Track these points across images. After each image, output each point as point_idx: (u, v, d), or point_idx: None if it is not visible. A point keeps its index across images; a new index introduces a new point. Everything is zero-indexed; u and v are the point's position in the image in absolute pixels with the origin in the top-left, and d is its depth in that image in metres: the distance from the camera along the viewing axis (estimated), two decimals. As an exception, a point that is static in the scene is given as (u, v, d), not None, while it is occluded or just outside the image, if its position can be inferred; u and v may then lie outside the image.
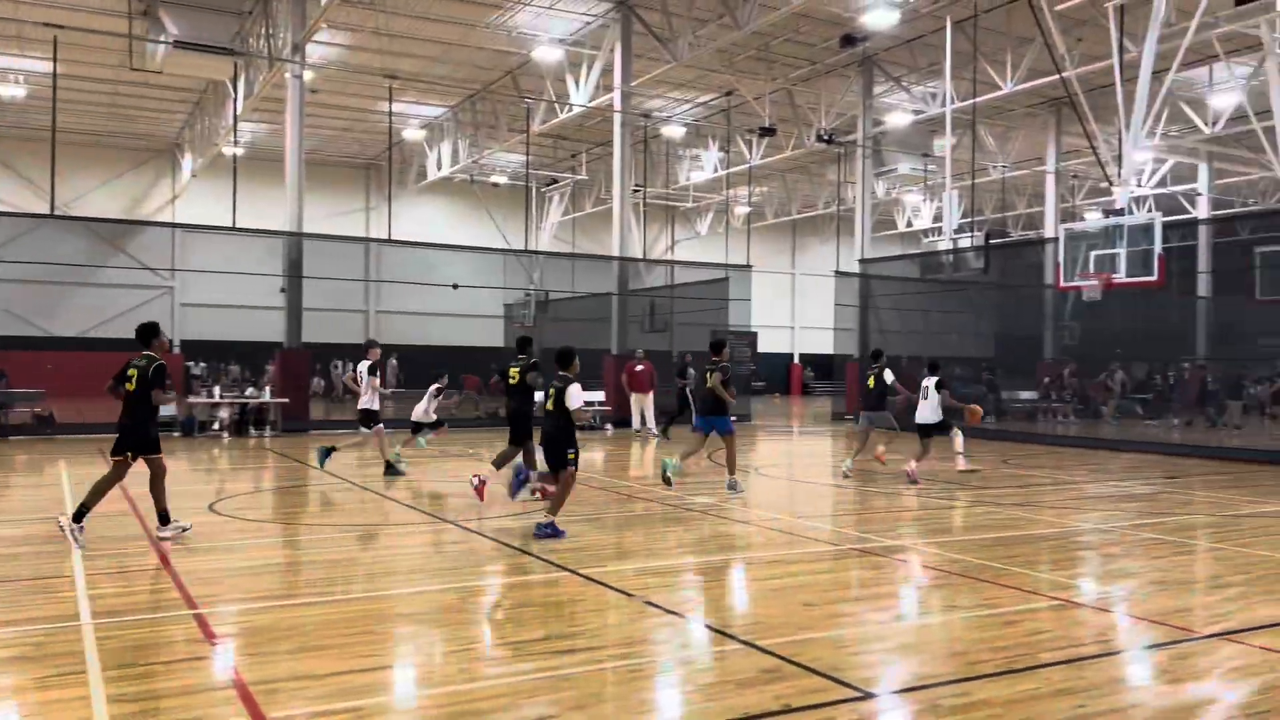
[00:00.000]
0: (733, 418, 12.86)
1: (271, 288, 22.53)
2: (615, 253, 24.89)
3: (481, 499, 10.46)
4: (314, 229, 24.92)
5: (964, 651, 5.52)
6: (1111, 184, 17.60)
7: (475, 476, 10.71)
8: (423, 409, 14.83)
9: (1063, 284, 18.02)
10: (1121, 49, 16.96)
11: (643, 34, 23.32)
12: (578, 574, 7.29)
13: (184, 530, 8.47)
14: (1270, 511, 11.08)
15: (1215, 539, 9.40)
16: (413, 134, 33.46)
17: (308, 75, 23.09)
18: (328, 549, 8.45)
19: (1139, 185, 28.81)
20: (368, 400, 13.41)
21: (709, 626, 6.04)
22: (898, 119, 27.34)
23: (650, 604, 6.45)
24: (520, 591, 7.06)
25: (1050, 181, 31.16)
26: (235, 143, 25.87)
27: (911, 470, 13.04)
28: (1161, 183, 32.17)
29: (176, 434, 19.24)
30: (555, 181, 37.53)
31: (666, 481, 11.82)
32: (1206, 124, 26.22)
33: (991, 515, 10.61)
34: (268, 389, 20.98)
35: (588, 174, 36.67)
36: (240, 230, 22.65)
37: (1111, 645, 5.78)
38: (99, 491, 8.20)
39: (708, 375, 11.83)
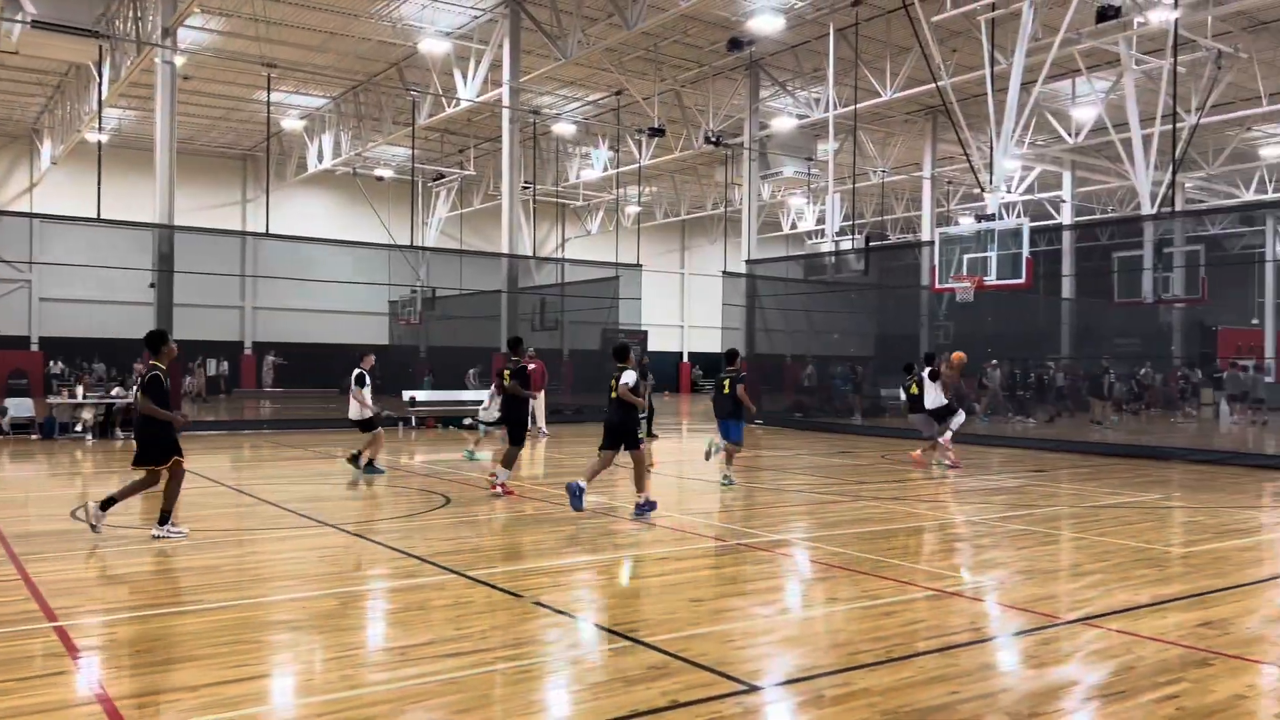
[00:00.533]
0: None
1: (140, 282, 21.51)
2: (504, 250, 24.66)
3: (510, 494, 11.20)
4: (186, 221, 23.88)
5: (845, 642, 5.67)
6: (983, 190, 18.37)
7: (491, 476, 11.41)
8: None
9: (938, 285, 18.74)
10: (993, 61, 17.74)
11: (532, 30, 23.17)
12: (465, 576, 7.19)
13: (181, 535, 8.49)
14: (1127, 502, 11.76)
15: (1077, 529, 9.91)
16: (292, 124, 32.42)
17: (179, 61, 22.11)
18: (199, 555, 8.09)
19: (1009, 192, 30.15)
20: (356, 411, 13.40)
21: (598, 625, 6.04)
22: (783, 123, 27.91)
23: (539, 604, 6.41)
24: (406, 595, 6.91)
25: (927, 187, 32.34)
26: (100, 129, 24.55)
27: (952, 459, 14.55)
28: (1029, 190, 33.78)
29: (35, 436, 18.17)
30: (442, 176, 36.94)
31: (707, 456, 13.02)
32: (1070, 135, 27.67)
33: (870, 509, 10.94)
34: (135, 388, 19.99)
35: (476, 169, 36.23)
36: (105, 222, 21.54)
37: (983, 633, 6.03)
38: (170, 495, 8.53)
39: (725, 383, 12.48)
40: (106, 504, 8.41)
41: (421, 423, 22.16)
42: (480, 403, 22.80)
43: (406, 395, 22.60)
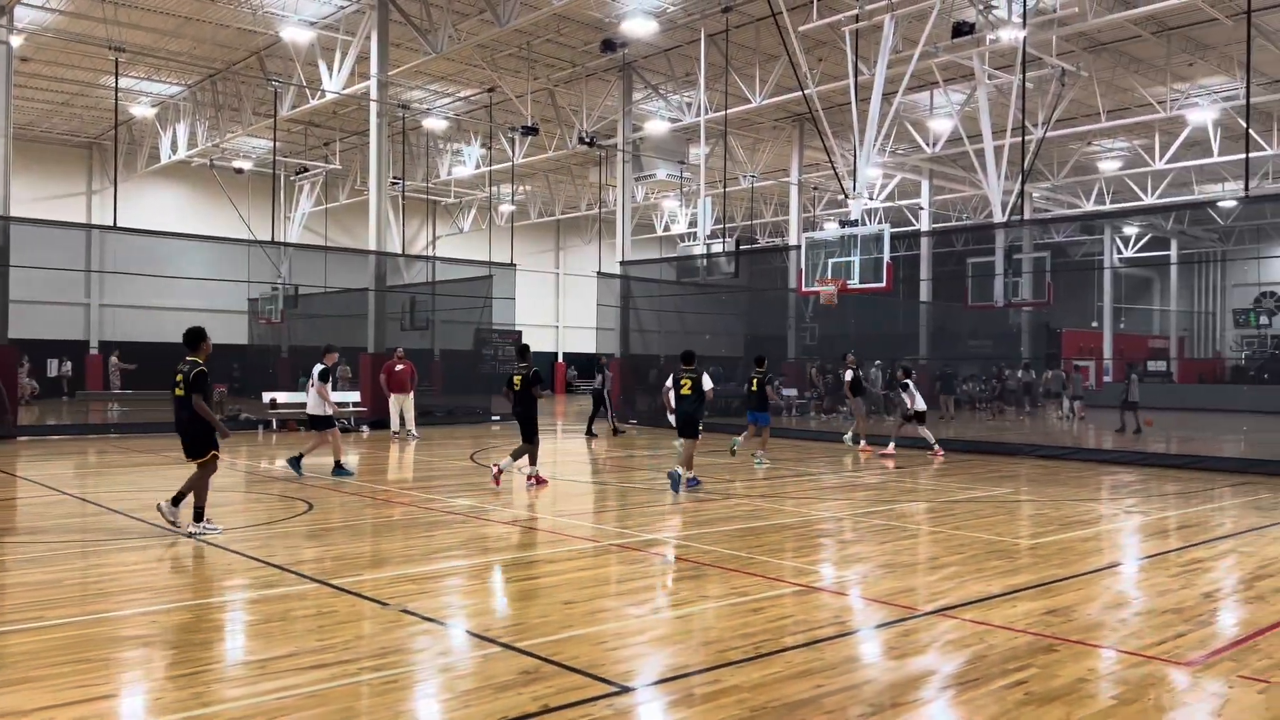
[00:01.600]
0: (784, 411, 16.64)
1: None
2: (372, 246, 24.02)
3: (498, 484, 11.99)
4: (24, 212, 22.37)
5: (715, 640, 5.74)
6: (847, 196, 18.97)
7: (494, 466, 12.27)
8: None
9: (804, 289, 19.25)
10: (856, 71, 18.34)
11: (401, 23, 22.64)
12: (329, 585, 6.95)
13: (215, 532, 8.73)
14: (979, 497, 12.35)
15: (934, 523, 10.33)
16: (143, 112, 30.74)
17: (16, 41, 20.68)
18: (38, 568, 7.57)
19: (871, 198, 31.29)
20: (316, 406, 13.25)
21: (468, 631, 5.94)
22: (656, 126, 28.16)
23: (407, 612, 6.25)
24: (265, 606, 6.63)
25: (794, 192, 33.21)
26: (-75, 111, 22.71)
27: (890, 451, 17.39)
28: (890, 197, 35.12)
29: None
30: (306, 170, 35.70)
31: (732, 452, 16.18)
32: (928, 144, 28.89)
33: (739, 506, 11.13)
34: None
35: (342, 163, 35.15)
36: (-69, 211, 19.89)
37: (847, 626, 6.21)
38: (200, 491, 8.83)
39: (754, 381, 15.16)
40: (198, 516, 8.78)
41: (283, 425, 21.36)
42: (348, 404, 22.19)
43: (267, 397, 21.73)
